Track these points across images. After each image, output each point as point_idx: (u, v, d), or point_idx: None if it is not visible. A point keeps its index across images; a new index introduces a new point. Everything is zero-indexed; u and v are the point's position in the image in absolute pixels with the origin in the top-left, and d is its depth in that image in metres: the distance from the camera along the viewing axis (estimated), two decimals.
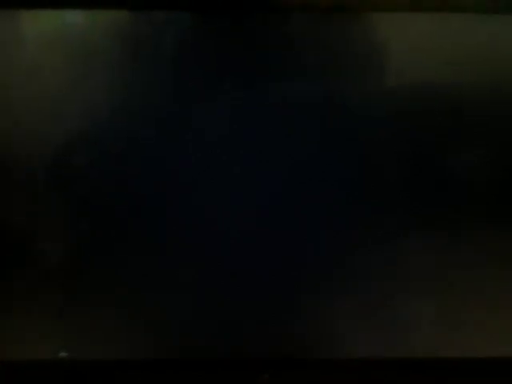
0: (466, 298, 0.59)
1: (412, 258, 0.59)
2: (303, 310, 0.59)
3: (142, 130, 0.56)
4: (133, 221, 0.58)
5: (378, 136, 0.57)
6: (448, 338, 0.60)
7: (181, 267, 0.58)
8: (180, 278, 0.59)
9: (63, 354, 0.58)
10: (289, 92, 0.56)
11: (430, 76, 0.56)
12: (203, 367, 0.60)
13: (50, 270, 0.58)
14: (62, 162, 0.56)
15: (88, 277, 0.59)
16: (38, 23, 0.54)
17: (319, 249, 0.58)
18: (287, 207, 0.58)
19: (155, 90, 0.56)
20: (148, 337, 0.60)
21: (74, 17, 0.54)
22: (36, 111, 0.55)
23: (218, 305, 0.59)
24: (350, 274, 0.59)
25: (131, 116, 0.56)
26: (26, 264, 0.58)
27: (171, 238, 0.58)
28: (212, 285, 0.59)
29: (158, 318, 0.59)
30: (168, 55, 0.55)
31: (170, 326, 0.60)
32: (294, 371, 0.60)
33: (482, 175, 0.57)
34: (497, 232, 0.58)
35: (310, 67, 0.56)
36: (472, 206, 0.58)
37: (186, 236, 0.58)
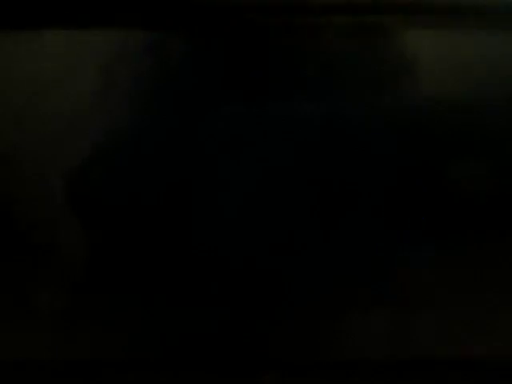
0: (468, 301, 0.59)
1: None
2: (307, 309, 0.59)
3: (140, 149, 0.57)
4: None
5: (388, 151, 0.57)
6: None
7: (182, 262, 0.59)
8: (179, 273, 0.59)
9: None
10: (295, 110, 0.57)
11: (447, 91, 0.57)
12: (200, 367, 0.60)
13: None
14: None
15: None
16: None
17: (323, 252, 0.58)
18: (291, 222, 0.58)
19: (155, 107, 0.57)
20: (144, 335, 0.60)
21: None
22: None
23: (217, 302, 0.59)
24: (354, 276, 0.59)
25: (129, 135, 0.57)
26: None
27: (172, 242, 0.59)
28: (212, 281, 0.59)
29: (154, 316, 0.59)
30: (166, 72, 0.56)
31: (166, 324, 0.59)
32: (298, 373, 0.60)
33: None
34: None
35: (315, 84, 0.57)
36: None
37: (189, 239, 0.58)
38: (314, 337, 0.60)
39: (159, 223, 0.58)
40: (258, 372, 0.59)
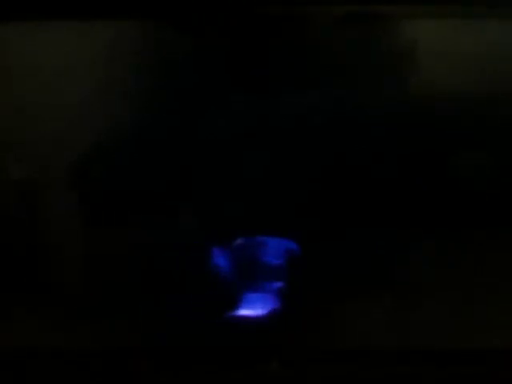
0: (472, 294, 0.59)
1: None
2: (318, 296, 0.59)
3: (143, 141, 0.58)
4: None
5: (392, 142, 0.58)
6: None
7: (183, 255, 0.59)
8: (181, 264, 0.59)
9: None
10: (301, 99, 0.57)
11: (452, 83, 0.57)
12: (206, 355, 0.60)
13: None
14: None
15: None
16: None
17: (334, 242, 0.59)
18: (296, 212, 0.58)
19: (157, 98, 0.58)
20: (151, 324, 0.60)
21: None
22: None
23: (224, 288, 0.59)
24: (359, 267, 0.59)
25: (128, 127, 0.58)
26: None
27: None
28: (218, 267, 0.59)
29: (162, 303, 0.59)
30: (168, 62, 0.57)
31: (172, 311, 0.59)
32: (306, 360, 0.59)
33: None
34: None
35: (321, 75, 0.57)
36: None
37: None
38: (317, 326, 0.60)
39: (160, 219, 0.58)
40: (263, 361, 0.59)
